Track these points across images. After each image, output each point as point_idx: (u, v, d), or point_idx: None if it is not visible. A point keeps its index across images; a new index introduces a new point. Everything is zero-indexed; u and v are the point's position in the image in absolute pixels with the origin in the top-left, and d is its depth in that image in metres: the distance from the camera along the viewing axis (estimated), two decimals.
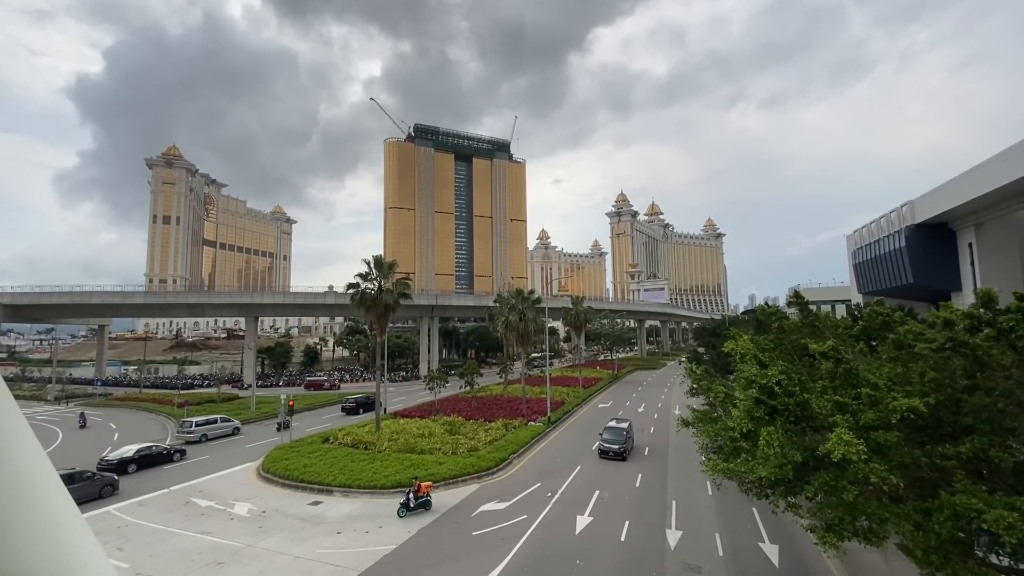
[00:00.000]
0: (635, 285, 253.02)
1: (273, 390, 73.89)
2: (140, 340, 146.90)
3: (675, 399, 56.90)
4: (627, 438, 32.18)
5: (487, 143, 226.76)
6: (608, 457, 30.98)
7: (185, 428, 38.45)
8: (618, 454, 31.01)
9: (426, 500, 22.91)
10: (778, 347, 14.89)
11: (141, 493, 26.38)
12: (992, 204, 35.82)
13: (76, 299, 77.86)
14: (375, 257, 38.66)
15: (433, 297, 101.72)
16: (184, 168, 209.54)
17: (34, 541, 1.21)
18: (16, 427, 1.25)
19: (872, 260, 50.83)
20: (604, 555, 18.23)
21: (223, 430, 40.50)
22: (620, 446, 31.24)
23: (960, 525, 9.59)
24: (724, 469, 13.00)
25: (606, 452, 31.19)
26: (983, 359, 10.92)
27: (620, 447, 31.21)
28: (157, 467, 31.44)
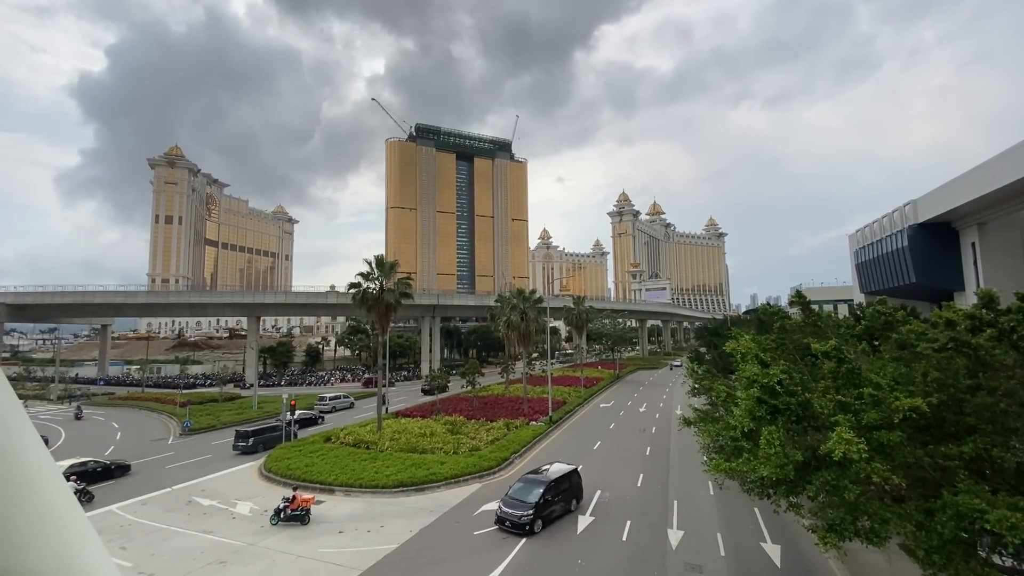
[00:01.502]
0: (636, 285, 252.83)
1: (276, 389, 73.95)
2: (142, 340, 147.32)
3: (677, 399, 56.86)
4: (544, 502, 20.72)
5: (489, 143, 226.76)
6: (506, 529, 20.25)
7: (321, 402, 53.55)
8: (517, 526, 19.96)
9: (301, 514, 21.32)
10: (780, 347, 14.87)
11: (143, 492, 26.46)
12: (995, 203, 35.69)
13: (79, 299, 78.07)
14: (376, 257, 38.71)
15: (434, 297, 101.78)
16: (186, 168, 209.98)
17: (38, 540, 1.21)
18: (20, 426, 1.25)
19: (874, 260, 50.71)
20: (605, 555, 18.23)
21: (344, 403, 55.91)
22: (523, 514, 20.03)
23: (963, 525, 9.57)
24: (726, 469, 12.99)
25: (502, 521, 20.48)
26: (985, 359, 10.89)
27: (523, 516, 20.00)
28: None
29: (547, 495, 21.19)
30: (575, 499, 23.12)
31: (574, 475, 23.52)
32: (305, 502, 21.79)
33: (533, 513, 20.17)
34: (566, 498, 22.54)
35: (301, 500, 21.80)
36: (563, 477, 22.83)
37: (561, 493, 22.23)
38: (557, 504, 21.81)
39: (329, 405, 53.61)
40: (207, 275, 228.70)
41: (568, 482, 22.93)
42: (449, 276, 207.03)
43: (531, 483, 21.94)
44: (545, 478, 22.28)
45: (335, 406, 54.12)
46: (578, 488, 23.54)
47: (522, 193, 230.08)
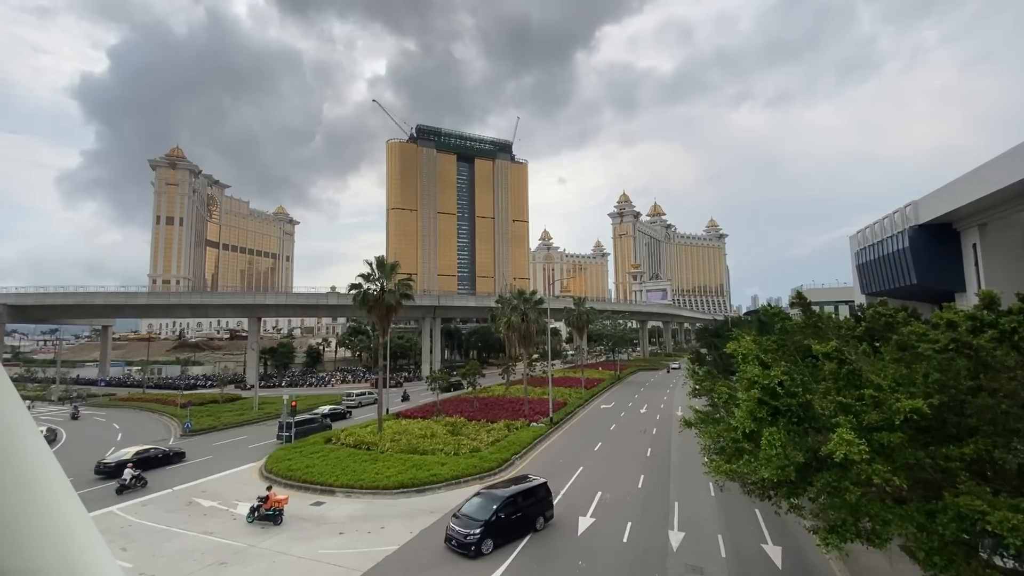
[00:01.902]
0: (637, 286, 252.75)
1: (277, 390, 73.95)
2: (143, 340, 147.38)
3: (677, 400, 56.81)
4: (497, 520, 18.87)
5: (489, 144, 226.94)
6: (452, 548, 18.60)
7: (348, 398, 57.39)
8: (463, 546, 18.30)
9: (274, 514, 21.40)
10: (781, 348, 14.85)
11: (143, 493, 26.48)
12: (996, 204, 35.63)
13: (80, 300, 78.22)
14: (377, 258, 38.74)
15: (435, 298, 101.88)
16: (187, 169, 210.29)
17: (41, 540, 1.22)
18: (23, 427, 1.26)
19: (875, 261, 50.65)
20: (606, 556, 18.22)
21: (369, 399, 58.66)
22: (469, 533, 18.38)
23: (964, 527, 9.55)
24: (726, 470, 12.97)
25: (449, 539, 18.87)
26: (987, 360, 10.88)
27: (468, 535, 18.34)
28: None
29: (502, 512, 19.28)
30: (541, 516, 20.91)
31: (541, 489, 21.28)
32: (278, 502, 21.74)
33: (481, 533, 18.37)
34: (529, 515, 20.36)
35: (274, 500, 21.76)
36: (525, 492, 20.63)
37: (522, 509, 20.13)
38: (516, 522, 19.72)
39: (356, 400, 57.82)
40: (208, 276, 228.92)
41: (532, 497, 20.80)
42: (450, 277, 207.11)
43: (487, 498, 20.20)
44: (503, 492, 20.37)
45: (361, 401, 58.26)
46: (545, 504, 21.28)
47: (523, 194, 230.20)
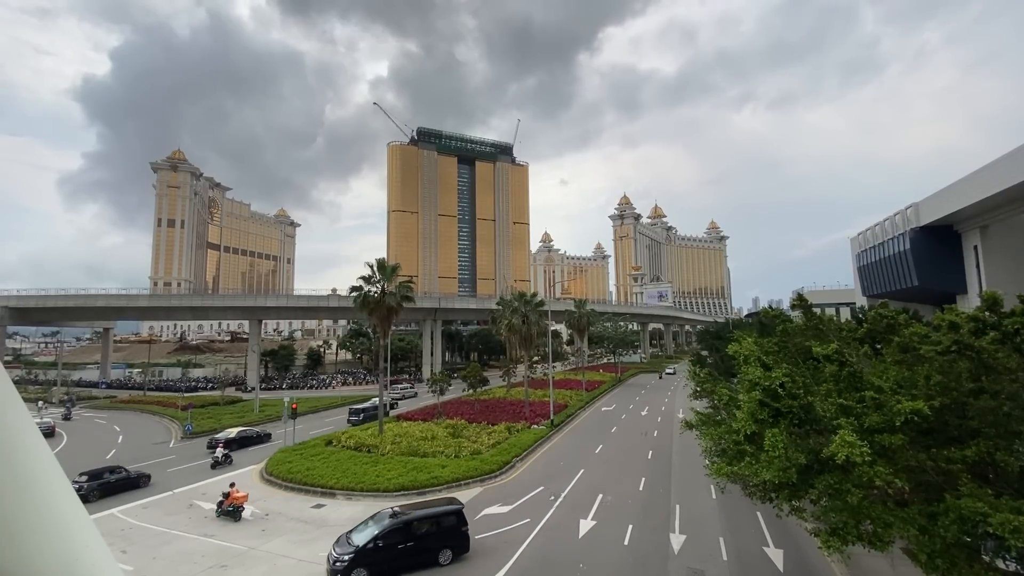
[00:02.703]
0: (638, 288, 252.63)
1: (277, 393, 73.97)
2: (144, 343, 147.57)
3: (679, 402, 56.73)
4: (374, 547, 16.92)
5: (490, 146, 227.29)
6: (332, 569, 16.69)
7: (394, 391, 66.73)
8: (332, 572, 16.63)
9: (233, 510, 21.98)
10: (782, 350, 14.84)
11: (144, 496, 26.47)
12: (998, 206, 35.60)
13: (81, 302, 78.33)
14: (378, 260, 38.78)
15: (436, 300, 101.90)
16: (189, 171, 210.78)
17: (42, 542, 1.22)
18: (24, 429, 1.27)
19: (876, 263, 50.60)
20: (607, 559, 18.17)
21: (411, 393, 68.98)
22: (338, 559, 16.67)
23: (966, 529, 9.52)
24: (728, 472, 12.94)
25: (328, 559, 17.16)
26: (988, 362, 10.86)
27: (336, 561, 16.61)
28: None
29: (384, 539, 17.11)
30: (447, 549, 17.87)
31: (449, 517, 18.38)
32: (237, 499, 22.21)
33: (351, 561, 16.41)
34: (426, 546, 17.64)
35: (234, 497, 22.25)
36: (424, 518, 18.02)
37: (417, 539, 17.61)
38: (404, 552, 17.30)
39: (400, 393, 67.16)
40: (209, 278, 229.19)
41: (435, 526, 18.06)
42: (451, 279, 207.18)
43: (378, 520, 18.23)
44: (394, 516, 18.08)
45: (404, 394, 67.55)
46: (452, 535, 18.12)
47: (523, 196, 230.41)
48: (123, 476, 28.00)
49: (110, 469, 28.26)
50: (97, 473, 27.41)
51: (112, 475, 27.73)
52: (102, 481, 27.10)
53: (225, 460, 32.90)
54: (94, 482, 26.76)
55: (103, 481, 27.15)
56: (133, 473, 28.65)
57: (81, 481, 26.37)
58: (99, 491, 26.54)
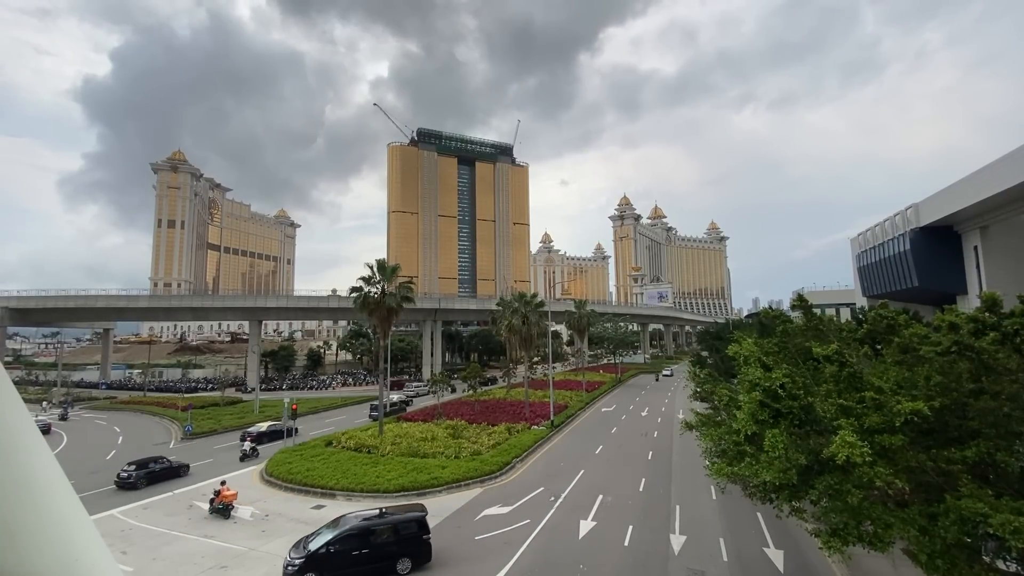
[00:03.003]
0: (638, 288, 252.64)
1: (277, 393, 73.96)
2: (144, 344, 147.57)
3: (679, 403, 56.72)
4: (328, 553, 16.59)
5: (490, 147, 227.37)
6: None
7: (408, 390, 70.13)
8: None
9: (223, 508, 22.66)
10: (782, 350, 14.85)
11: (144, 497, 26.46)
12: (998, 207, 35.61)
13: (81, 303, 78.33)
14: (378, 261, 38.78)
15: (436, 300, 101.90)
16: (189, 172, 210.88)
17: (42, 542, 1.22)
18: (25, 429, 1.27)
19: (876, 263, 50.60)
20: (607, 560, 18.15)
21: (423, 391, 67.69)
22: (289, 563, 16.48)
23: (966, 530, 9.52)
24: (728, 473, 12.94)
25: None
26: (989, 363, 10.85)
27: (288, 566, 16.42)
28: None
29: (337, 545, 16.79)
30: (405, 558, 17.22)
31: (409, 525, 17.75)
32: (226, 498, 22.85)
33: (301, 565, 16.22)
34: (382, 555, 17.05)
35: (223, 495, 22.88)
36: (381, 525, 17.52)
37: (373, 546, 17.11)
38: (359, 559, 16.82)
39: (414, 391, 68.97)
40: (209, 279, 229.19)
41: (393, 534, 17.46)
42: (451, 280, 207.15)
43: (332, 524, 18.01)
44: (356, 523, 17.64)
45: (417, 391, 69.08)
46: (412, 543, 17.49)
47: (523, 197, 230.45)
48: (166, 466, 30.08)
49: (154, 459, 30.25)
50: (143, 463, 29.46)
51: (156, 465, 29.71)
52: (148, 470, 29.12)
53: (252, 453, 34.76)
54: (141, 471, 28.78)
55: (149, 470, 29.15)
56: (175, 463, 30.78)
57: (130, 470, 28.61)
58: (146, 479, 28.61)
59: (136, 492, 27.19)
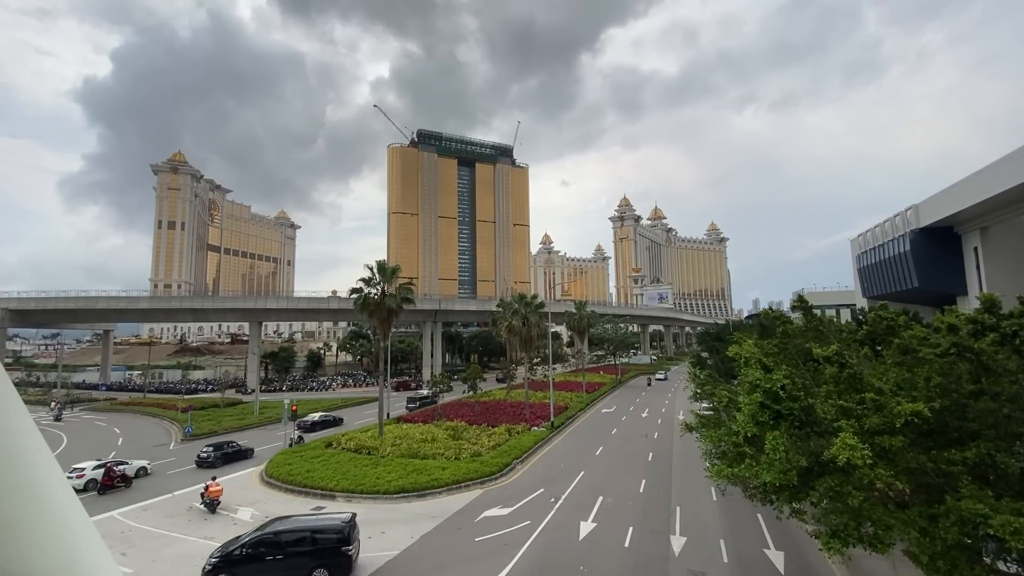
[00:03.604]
0: (638, 289, 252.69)
1: (277, 395, 73.93)
2: (144, 345, 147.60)
3: (679, 404, 56.69)
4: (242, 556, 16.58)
5: (490, 148, 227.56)
6: None
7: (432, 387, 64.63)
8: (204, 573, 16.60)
9: (209, 503, 23.86)
10: (782, 351, 14.84)
11: (144, 498, 26.44)
12: (998, 208, 35.62)
13: (82, 304, 78.30)
14: (378, 262, 38.80)
15: (436, 302, 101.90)
16: (189, 174, 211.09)
17: (43, 544, 1.23)
18: (25, 431, 1.27)
19: (876, 264, 50.60)
20: (608, 561, 18.13)
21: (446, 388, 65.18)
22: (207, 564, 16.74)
23: (966, 531, 9.51)
24: (728, 474, 12.94)
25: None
26: (988, 364, 10.85)
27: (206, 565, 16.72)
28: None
29: (251, 548, 16.70)
30: (323, 568, 16.67)
31: (328, 535, 17.15)
32: (213, 494, 24.06)
33: (214, 566, 16.37)
34: (296, 563, 16.70)
35: (211, 491, 24.10)
36: (295, 532, 17.36)
37: (287, 554, 16.84)
38: (274, 565, 16.60)
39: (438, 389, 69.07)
40: (209, 280, 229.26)
41: (310, 542, 17.04)
42: (451, 281, 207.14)
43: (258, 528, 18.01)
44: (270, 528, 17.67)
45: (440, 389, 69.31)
46: (330, 555, 16.80)
47: (523, 198, 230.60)
48: (236, 448, 35.34)
49: (227, 443, 35.81)
50: (219, 445, 34.99)
51: (229, 447, 35.00)
52: (223, 451, 34.22)
53: (299, 441, 38.08)
54: (217, 452, 33.83)
55: (223, 451, 34.26)
56: (243, 447, 35.87)
57: (208, 451, 33.77)
58: (221, 459, 33.50)
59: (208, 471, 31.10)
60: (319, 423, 46.72)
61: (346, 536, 17.13)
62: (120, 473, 29.15)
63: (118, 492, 27.98)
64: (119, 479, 28.68)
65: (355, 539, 17.56)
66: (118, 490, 28.08)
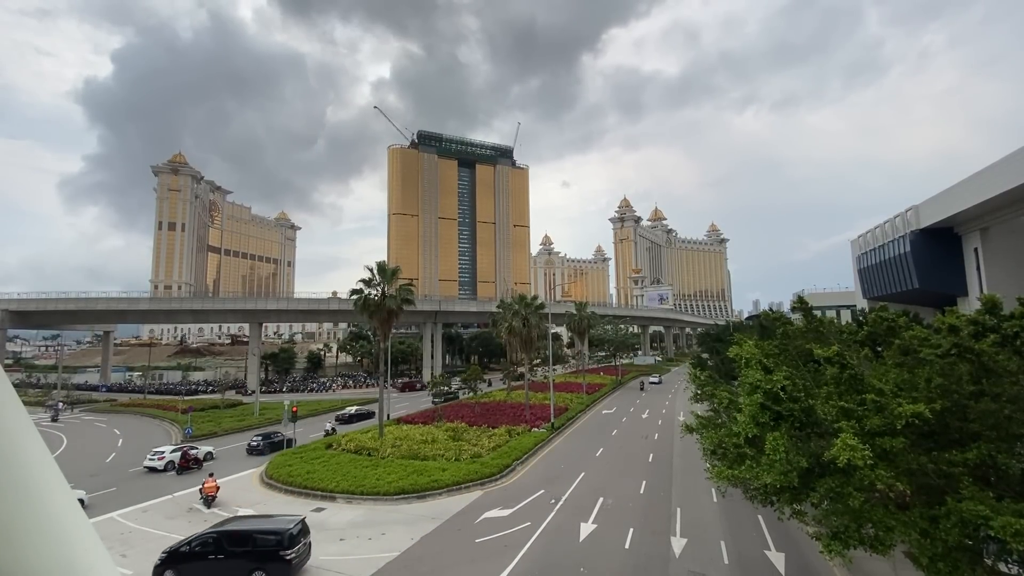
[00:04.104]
0: (638, 290, 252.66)
1: (278, 396, 73.93)
2: (145, 346, 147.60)
3: (679, 406, 56.64)
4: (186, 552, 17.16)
5: (490, 149, 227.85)
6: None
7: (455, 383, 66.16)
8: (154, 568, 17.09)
9: (205, 499, 24.97)
10: (783, 352, 14.83)
11: (144, 499, 26.44)
12: (998, 209, 35.63)
13: (82, 305, 78.31)
14: (378, 263, 38.80)
15: (436, 303, 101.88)
16: (190, 175, 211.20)
17: (41, 545, 1.22)
18: (24, 432, 1.27)
19: (877, 265, 50.61)
20: (608, 563, 18.10)
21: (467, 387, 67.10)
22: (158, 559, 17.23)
23: (967, 532, 9.50)
24: (729, 476, 12.92)
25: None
26: (989, 365, 10.85)
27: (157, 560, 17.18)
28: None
29: (196, 547, 17.14)
30: (261, 571, 16.68)
31: (267, 538, 17.08)
32: (208, 490, 25.23)
33: (162, 561, 16.79)
34: (236, 564, 16.85)
35: (206, 487, 25.37)
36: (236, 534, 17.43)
37: (227, 554, 17.04)
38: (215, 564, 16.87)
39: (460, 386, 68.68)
40: (209, 281, 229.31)
41: (250, 544, 17.14)
42: (451, 282, 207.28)
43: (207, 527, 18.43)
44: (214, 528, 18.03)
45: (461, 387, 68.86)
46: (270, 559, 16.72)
47: (524, 199, 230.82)
48: (281, 438, 38.16)
49: (272, 433, 39.48)
50: (267, 435, 38.66)
51: (275, 437, 38.49)
52: (270, 440, 37.79)
53: (333, 432, 41.18)
54: (265, 441, 37.63)
55: (270, 440, 37.82)
56: (287, 436, 38.00)
57: (257, 440, 37.76)
58: (268, 448, 36.87)
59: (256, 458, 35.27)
60: (356, 416, 50.98)
61: (285, 541, 16.84)
62: (193, 456, 33.43)
63: (192, 472, 31.99)
64: (192, 461, 32.90)
65: (299, 543, 17.22)
66: (192, 470, 32.06)
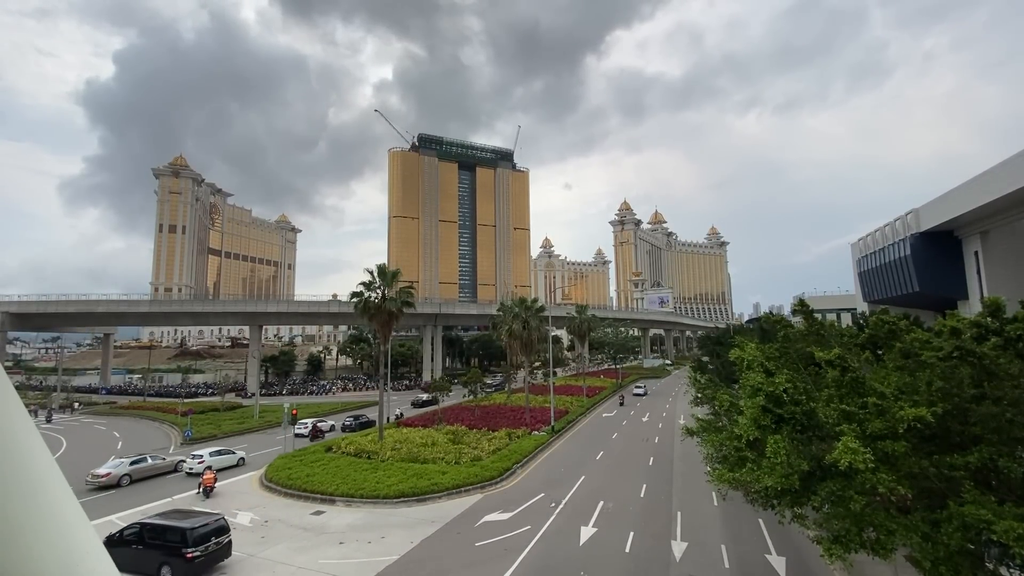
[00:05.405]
0: (639, 293, 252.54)
1: (277, 399, 73.83)
2: (145, 348, 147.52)
3: (680, 409, 56.56)
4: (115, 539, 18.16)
5: (491, 152, 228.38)
6: None
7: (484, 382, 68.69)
8: None
9: (204, 491, 26.86)
10: (783, 355, 14.81)
11: (143, 502, 26.39)
12: (998, 212, 35.63)
13: (82, 308, 78.31)
14: (378, 266, 38.82)
15: (436, 305, 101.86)
16: (190, 178, 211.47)
17: (42, 546, 1.22)
18: (26, 433, 1.27)
19: (877, 268, 50.59)
20: (608, 566, 18.04)
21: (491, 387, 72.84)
22: None
23: (969, 536, 9.47)
24: (729, 479, 12.88)
25: None
26: (991, 368, 10.83)
27: None
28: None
29: (127, 535, 18.21)
30: (167, 566, 17.28)
31: (172, 533, 17.73)
32: (207, 482, 27.05)
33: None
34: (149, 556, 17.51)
35: (205, 480, 27.14)
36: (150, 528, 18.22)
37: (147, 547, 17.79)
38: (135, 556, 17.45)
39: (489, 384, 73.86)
40: (210, 284, 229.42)
41: (161, 538, 17.87)
42: (451, 285, 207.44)
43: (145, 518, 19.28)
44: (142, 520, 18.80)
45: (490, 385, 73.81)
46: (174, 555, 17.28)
47: (524, 202, 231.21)
48: (366, 420, 47.11)
49: (357, 415, 48.75)
50: (356, 416, 47.83)
51: (360, 418, 47.59)
52: (360, 420, 46.63)
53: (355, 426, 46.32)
54: (355, 421, 46.19)
55: (359, 420, 46.65)
56: (369, 419, 45.77)
57: (350, 420, 46.45)
58: (357, 427, 45.17)
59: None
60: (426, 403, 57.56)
61: (188, 539, 17.41)
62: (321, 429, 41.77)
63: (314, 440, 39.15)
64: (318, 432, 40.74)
65: (206, 543, 17.69)
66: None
